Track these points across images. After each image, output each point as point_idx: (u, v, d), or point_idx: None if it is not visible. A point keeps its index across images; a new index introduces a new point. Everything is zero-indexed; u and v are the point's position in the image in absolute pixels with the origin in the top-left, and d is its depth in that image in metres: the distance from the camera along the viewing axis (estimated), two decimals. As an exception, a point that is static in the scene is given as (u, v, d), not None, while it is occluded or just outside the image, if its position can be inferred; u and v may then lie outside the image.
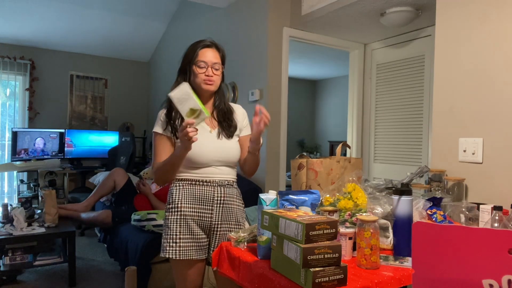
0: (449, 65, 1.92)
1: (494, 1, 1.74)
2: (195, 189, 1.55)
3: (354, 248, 1.28)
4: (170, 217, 1.54)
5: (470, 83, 1.82)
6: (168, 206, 1.57)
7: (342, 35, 3.42)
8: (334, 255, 1.04)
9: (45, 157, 5.07)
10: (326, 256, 1.03)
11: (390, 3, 2.63)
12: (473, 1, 1.82)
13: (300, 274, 1.03)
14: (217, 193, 1.57)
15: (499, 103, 1.71)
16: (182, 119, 1.45)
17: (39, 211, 3.24)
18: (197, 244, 1.54)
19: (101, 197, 3.60)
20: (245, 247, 1.40)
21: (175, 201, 1.55)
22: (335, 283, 1.03)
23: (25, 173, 5.11)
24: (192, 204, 1.54)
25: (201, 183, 1.56)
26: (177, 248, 1.51)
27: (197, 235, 1.55)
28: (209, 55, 1.54)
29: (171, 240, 1.52)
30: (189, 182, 1.56)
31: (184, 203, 1.54)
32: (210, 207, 1.56)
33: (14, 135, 4.87)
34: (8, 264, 2.83)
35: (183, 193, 1.55)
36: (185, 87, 1.38)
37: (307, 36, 3.34)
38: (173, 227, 1.53)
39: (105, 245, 3.36)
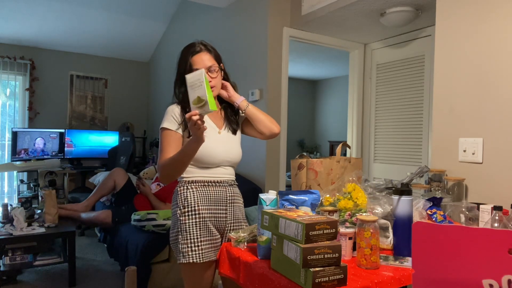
0: (449, 65, 1.92)
1: (494, 1, 1.74)
2: (209, 190, 1.53)
3: (354, 248, 1.28)
4: (187, 221, 1.48)
5: (470, 83, 1.82)
6: (183, 210, 1.50)
7: (342, 35, 3.42)
8: (334, 255, 1.04)
9: (45, 157, 5.07)
10: (326, 256, 1.03)
11: (390, 3, 2.63)
12: (473, 1, 1.82)
13: (300, 274, 1.03)
14: (229, 193, 1.58)
15: (499, 103, 1.71)
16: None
17: (39, 211, 3.24)
18: (215, 245, 1.52)
19: (101, 197, 3.60)
20: (245, 247, 1.40)
21: (191, 204, 1.50)
22: (335, 283, 1.03)
23: (25, 173, 5.11)
24: (209, 206, 1.52)
25: (214, 183, 1.55)
26: (199, 252, 1.47)
27: (215, 236, 1.52)
28: (201, 61, 1.51)
29: (192, 245, 1.47)
30: (202, 184, 1.53)
31: (201, 205, 1.50)
32: (225, 207, 1.56)
33: (14, 135, 4.86)
34: (8, 264, 2.83)
35: (198, 195, 1.51)
36: (200, 73, 1.32)
37: (307, 36, 3.34)
38: (192, 231, 1.48)
39: (105, 245, 3.36)
